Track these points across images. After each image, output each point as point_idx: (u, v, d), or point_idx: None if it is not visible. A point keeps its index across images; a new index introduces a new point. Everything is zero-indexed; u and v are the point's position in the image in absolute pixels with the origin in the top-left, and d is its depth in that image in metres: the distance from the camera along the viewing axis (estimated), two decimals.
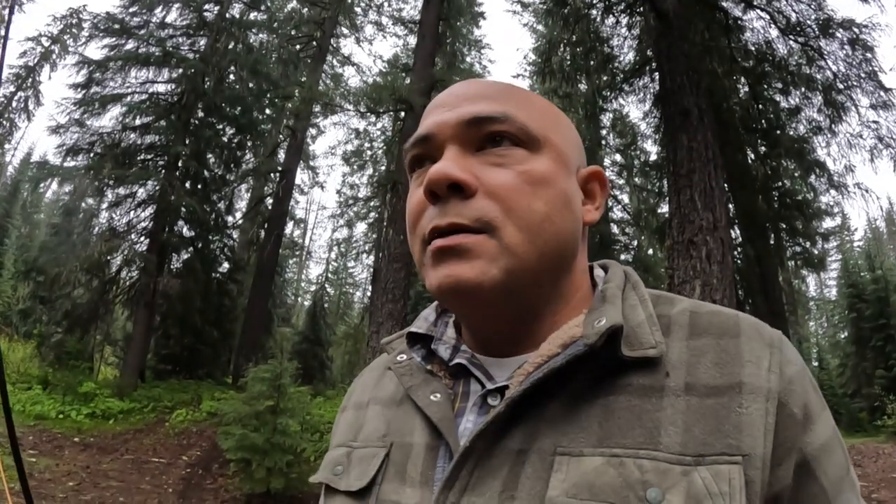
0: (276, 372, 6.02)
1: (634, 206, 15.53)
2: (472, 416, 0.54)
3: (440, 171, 0.51)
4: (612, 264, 0.63)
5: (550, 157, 0.55)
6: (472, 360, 0.57)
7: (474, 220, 0.51)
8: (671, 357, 0.51)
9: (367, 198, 19.71)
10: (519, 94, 0.58)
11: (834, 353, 24.94)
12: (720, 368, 0.49)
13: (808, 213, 10.83)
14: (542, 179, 0.53)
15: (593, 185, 0.61)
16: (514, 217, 0.51)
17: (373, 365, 0.72)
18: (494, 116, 0.53)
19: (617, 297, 0.54)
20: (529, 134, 0.54)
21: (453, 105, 0.55)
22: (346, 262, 30.98)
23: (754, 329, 0.52)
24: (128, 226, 12.53)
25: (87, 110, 12.20)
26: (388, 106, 11.35)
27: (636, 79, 10.37)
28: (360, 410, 0.66)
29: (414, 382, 0.58)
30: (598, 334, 0.48)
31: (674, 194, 7.16)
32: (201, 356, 14.18)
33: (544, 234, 0.52)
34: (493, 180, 0.52)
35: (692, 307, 0.56)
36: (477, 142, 0.54)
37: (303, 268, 36.94)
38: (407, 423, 0.58)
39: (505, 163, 0.53)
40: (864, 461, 8.96)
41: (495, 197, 0.51)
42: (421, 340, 0.62)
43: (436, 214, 0.52)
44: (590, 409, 0.49)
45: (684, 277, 6.64)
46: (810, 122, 10.10)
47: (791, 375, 0.50)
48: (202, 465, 7.45)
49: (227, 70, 13.65)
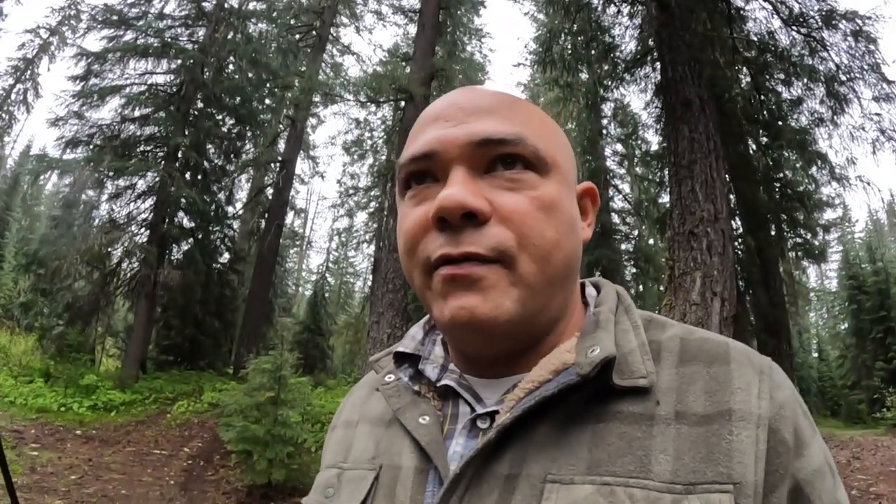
0: (277, 363, 6.03)
1: (635, 195, 15.50)
2: (462, 440, 0.53)
3: (454, 199, 0.48)
4: (604, 284, 0.62)
5: (558, 181, 0.54)
6: (460, 381, 0.56)
7: (490, 248, 0.49)
8: (661, 384, 0.50)
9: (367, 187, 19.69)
10: (525, 109, 0.56)
11: (834, 344, 24.99)
12: (710, 396, 0.49)
13: (810, 204, 10.82)
14: (552, 205, 0.52)
15: (586, 201, 0.60)
16: (528, 246, 0.50)
17: (361, 382, 0.71)
18: (508, 139, 0.51)
19: (610, 323, 0.54)
20: (540, 157, 0.52)
21: (457, 120, 0.53)
22: (347, 252, 30.99)
23: (744, 356, 0.52)
24: (128, 217, 12.53)
25: (85, 102, 12.18)
26: (388, 95, 11.32)
27: (637, 68, 10.32)
28: (350, 430, 0.65)
29: (402, 404, 0.57)
30: (592, 365, 0.48)
31: (675, 185, 7.14)
32: (202, 347, 14.24)
33: (555, 261, 0.51)
34: (507, 206, 0.50)
35: (682, 333, 0.55)
36: (485, 163, 0.52)
37: (303, 257, 36.99)
38: (396, 445, 0.57)
39: (517, 187, 0.51)
40: (863, 454, 8.98)
41: (509, 224, 0.50)
42: (409, 359, 0.61)
43: (445, 242, 0.50)
44: (580, 435, 0.49)
45: (685, 269, 6.63)
46: (812, 113, 10.07)
47: (782, 401, 0.49)
48: (204, 457, 7.48)
49: (227, 60, 13.60)
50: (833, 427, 14.56)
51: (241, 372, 7.10)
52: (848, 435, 11.71)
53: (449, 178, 0.51)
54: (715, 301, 6.44)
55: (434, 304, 0.52)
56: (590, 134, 14.06)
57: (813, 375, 20.35)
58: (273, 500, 5.72)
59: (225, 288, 15.36)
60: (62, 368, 10.75)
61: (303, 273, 36.25)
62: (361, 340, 18.09)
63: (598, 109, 12.72)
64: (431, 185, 0.53)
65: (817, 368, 21.83)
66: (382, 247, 11.60)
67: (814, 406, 17.77)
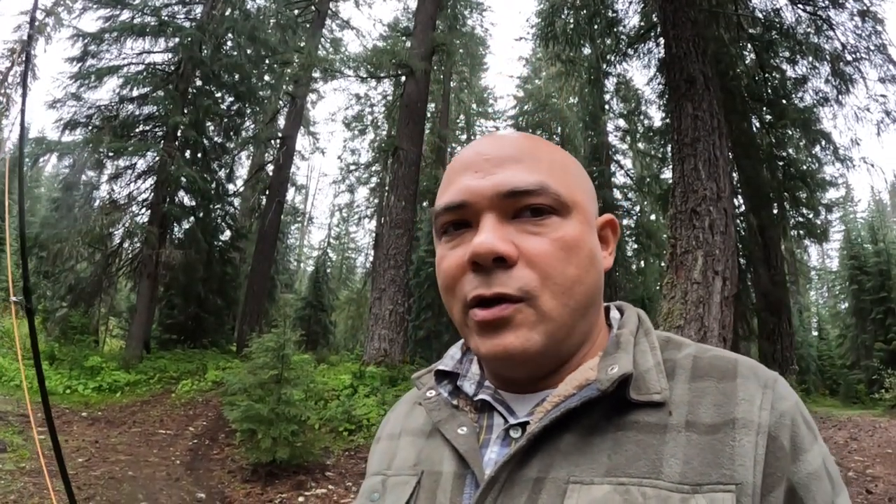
0: (280, 341, 6.05)
1: (637, 171, 15.44)
2: (496, 448, 0.59)
3: (486, 246, 0.54)
4: (626, 307, 0.68)
5: (579, 220, 0.59)
6: (494, 395, 0.63)
7: (517, 289, 0.55)
8: (674, 398, 0.55)
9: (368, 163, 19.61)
10: (548, 155, 0.61)
11: (834, 323, 25.02)
12: (718, 408, 0.54)
13: (812, 183, 10.77)
14: (573, 244, 0.57)
15: (606, 231, 0.66)
16: (550, 284, 0.55)
17: (404, 398, 0.79)
18: (532, 190, 0.57)
19: (630, 344, 0.59)
20: (562, 201, 0.58)
21: (485, 171, 0.58)
22: (348, 228, 31.04)
23: (751, 371, 0.57)
24: (128, 198, 12.52)
25: (83, 83, 12.08)
26: (388, 70, 11.24)
27: (641, 44, 10.21)
28: (393, 441, 0.71)
29: (442, 416, 0.64)
30: (611, 381, 0.54)
31: (677, 163, 7.10)
32: (205, 325, 14.34)
33: (576, 295, 0.57)
34: (532, 249, 0.56)
35: (696, 352, 0.60)
36: (513, 210, 0.57)
37: (305, 234, 37.01)
38: (436, 453, 0.63)
39: (541, 231, 0.57)
40: (861, 434, 9.04)
41: (534, 266, 0.55)
42: (448, 377, 0.68)
43: (479, 283, 0.56)
44: (601, 443, 0.54)
45: (686, 247, 6.62)
46: (817, 92, 9.99)
47: (782, 411, 0.54)
48: (209, 436, 7.55)
49: (225, 37, 13.44)
50: (831, 406, 14.65)
51: (245, 350, 7.13)
52: (846, 415, 11.78)
53: (480, 225, 0.57)
54: (716, 280, 6.44)
55: (471, 338, 0.59)
56: (592, 109, 13.98)
57: (812, 354, 20.40)
58: (278, 478, 5.77)
59: (227, 266, 15.42)
60: (66, 351, 10.80)
61: (304, 249, 36.30)
62: (363, 315, 18.18)
63: (600, 85, 12.62)
64: (465, 231, 0.59)
65: (817, 347, 21.88)
66: (384, 222, 11.59)
67: (812, 385, 17.85)
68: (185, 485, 5.63)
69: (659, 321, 6.53)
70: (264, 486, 5.63)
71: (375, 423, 7.41)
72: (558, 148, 0.64)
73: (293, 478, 5.83)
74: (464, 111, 24.24)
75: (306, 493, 5.52)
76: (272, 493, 5.48)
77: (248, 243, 16.78)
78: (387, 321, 10.05)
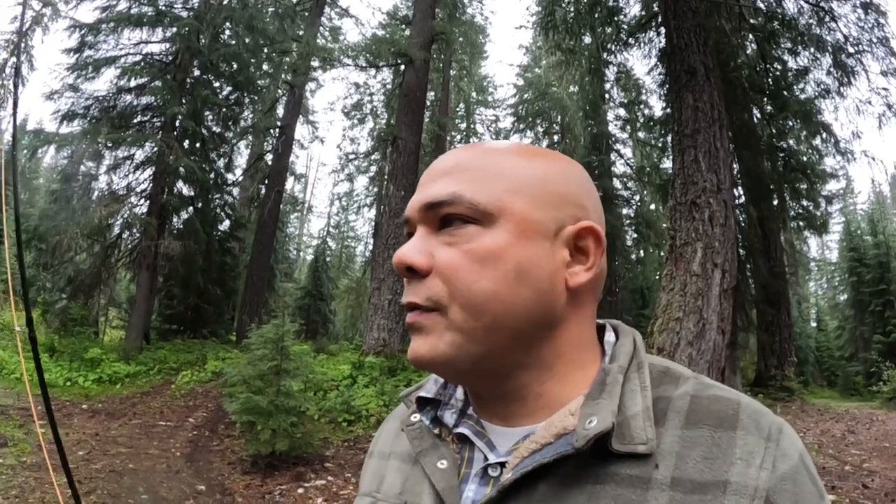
0: (279, 333, 6.05)
1: (637, 160, 15.42)
2: (474, 486, 0.56)
3: (399, 257, 0.55)
4: (622, 331, 0.62)
5: (506, 229, 0.54)
6: (475, 428, 0.60)
7: (425, 299, 0.54)
8: (663, 447, 0.50)
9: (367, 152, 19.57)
10: (482, 161, 0.57)
11: (833, 315, 25.08)
12: (709, 463, 0.48)
13: (812, 175, 10.75)
14: (490, 256, 0.53)
15: (586, 241, 0.57)
16: (457, 296, 0.53)
17: (395, 413, 0.76)
18: (442, 201, 0.55)
19: (617, 386, 0.54)
20: (480, 210, 0.54)
21: (424, 185, 0.58)
22: (348, 216, 31.00)
23: (753, 420, 0.51)
24: (127, 189, 12.50)
25: (80, 74, 12.06)
26: (387, 59, 11.18)
27: (642, 34, 10.15)
28: (383, 461, 0.70)
29: (423, 447, 0.61)
30: (586, 439, 0.49)
31: (678, 154, 7.08)
32: (205, 315, 14.38)
33: (490, 310, 0.53)
34: (441, 261, 0.54)
35: (694, 390, 0.55)
36: (437, 222, 0.56)
37: (304, 222, 36.99)
38: (418, 485, 0.61)
39: (455, 242, 0.55)
40: (858, 427, 9.07)
41: (443, 277, 0.54)
42: (432, 402, 0.65)
43: (404, 293, 0.57)
44: (577, 496, 0.50)
45: (686, 239, 6.61)
46: (818, 84, 9.97)
47: (784, 472, 0.48)
48: (208, 427, 7.57)
49: (222, 27, 13.38)
50: (829, 398, 14.71)
51: (244, 340, 7.13)
52: (843, 407, 11.82)
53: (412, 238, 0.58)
54: (716, 272, 6.44)
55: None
56: (592, 98, 13.93)
57: (811, 345, 20.45)
58: (277, 470, 5.79)
59: (226, 255, 15.46)
60: (66, 343, 10.80)
61: (304, 238, 36.31)
62: (363, 304, 18.21)
63: (601, 74, 12.56)
64: None
65: (815, 338, 21.93)
66: (383, 211, 11.57)
67: (811, 376, 17.90)
68: (185, 477, 5.64)
69: (658, 313, 6.53)
70: (264, 478, 5.65)
71: (374, 413, 7.43)
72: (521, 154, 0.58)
73: (292, 469, 5.85)
74: (464, 100, 24.13)
75: (306, 484, 5.55)
76: (272, 485, 5.50)
77: (248, 233, 16.80)
78: (386, 311, 10.04)
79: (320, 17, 17.24)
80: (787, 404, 10.76)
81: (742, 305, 10.63)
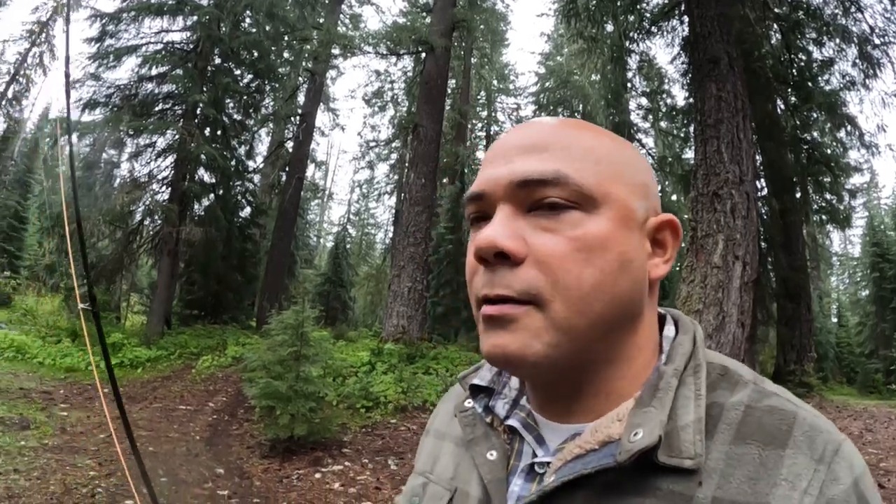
0: (299, 319, 6.09)
1: (659, 150, 15.25)
2: (520, 481, 0.55)
3: (487, 240, 0.49)
4: (682, 326, 0.58)
5: (609, 217, 0.51)
6: (526, 421, 0.58)
7: (521, 292, 0.49)
8: (709, 463, 0.47)
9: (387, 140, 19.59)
10: (581, 141, 0.53)
11: (854, 310, 24.71)
12: (753, 484, 0.45)
13: (836, 168, 10.57)
14: (596, 244, 0.49)
15: (664, 234, 0.56)
16: (562, 289, 0.48)
17: (452, 393, 0.74)
18: (544, 179, 0.50)
19: (670, 392, 0.51)
20: (585, 194, 0.50)
21: (507, 159, 0.52)
22: (368, 204, 31.18)
23: (806, 439, 0.47)
24: (149, 176, 12.64)
25: (102, 63, 12.17)
26: (408, 47, 11.15)
27: (664, 22, 10.01)
28: (439, 441, 0.69)
29: (475, 435, 0.60)
30: (630, 453, 0.46)
31: (700, 145, 6.99)
32: (225, 301, 14.52)
33: (596, 304, 0.49)
34: (542, 248, 0.49)
35: (750, 399, 0.51)
36: (528, 202, 0.51)
37: (325, 209, 37.21)
38: (469, 472, 0.60)
39: (556, 227, 0.50)
40: (876, 426, 8.93)
41: (543, 267, 0.49)
42: (486, 390, 0.63)
43: (486, 282, 0.51)
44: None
45: (707, 231, 6.54)
46: (843, 75, 9.79)
47: (832, 496, 0.44)
48: (228, 411, 7.67)
49: (243, 15, 13.42)
50: (848, 395, 14.51)
51: (264, 326, 7.20)
52: (862, 405, 11.64)
53: (493, 218, 0.52)
54: (737, 265, 6.38)
55: (480, 336, 0.53)
56: (614, 87, 13.77)
57: (831, 341, 20.16)
58: (295, 454, 5.85)
59: (247, 242, 15.59)
60: (89, 327, 10.96)
61: (324, 225, 36.55)
62: (383, 291, 18.30)
63: (623, 63, 12.39)
64: (484, 224, 0.54)
65: (836, 334, 21.61)
66: (404, 199, 11.58)
67: (830, 372, 17.66)
68: (204, 460, 5.71)
69: (677, 305, 6.49)
70: (282, 462, 5.72)
71: (393, 400, 7.48)
72: (608, 136, 0.56)
73: (310, 454, 5.91)
74: (484, 87, 23.97)
75: (323, 469, 5.60)
76: (290, 469, 5.56)
77: (268, 219, 16.93)
78: (405, 298, 10.07)
79: (340, 4, 17.24)
80: (806, 400, 10.54)
81: (762, 299, 10.51)
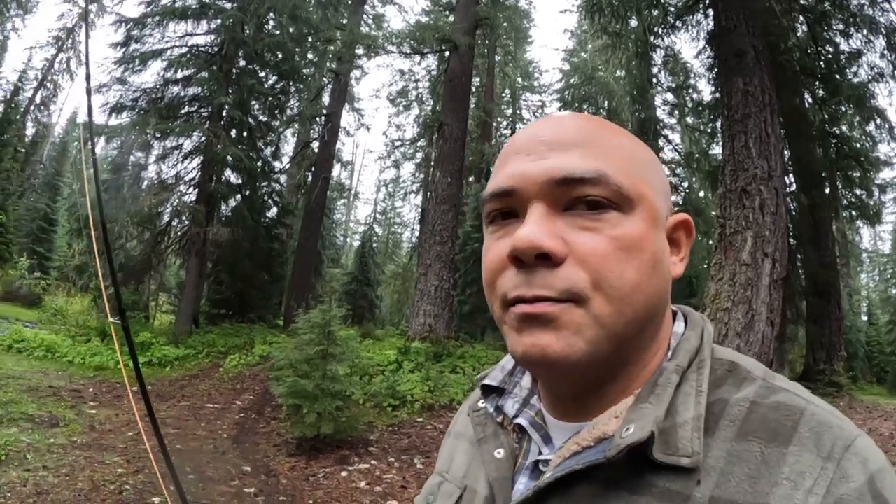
0: (326, 318, 6.13)
1: (686, 146, 15.06)
2: (525, 479, 0.55)
3: (529, 239, 0.47)
4: (692, 322, 0.58)
5: (643, 217, 0.51)
6: (534, 420, 0.59)
7: (562, 291, 0.47)
8: (709, 461, 0.46)
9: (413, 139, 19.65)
10: (613, 140, 0.53)
11: (885, 308, 24.14)
12: (753, 483, 0.43)
13: (866, 162, 10.34)
14: (634, 244, 0.49)
15: (679, 234, 0.57)
16: (604, 288, 0.48)
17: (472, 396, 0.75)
18: (589, 178, 0.49)
19: (669, 388, 0.50)
20: (623, 194, 0.49)
21: (539, 154, 0.51)
22: (394, 203, 31.31)
23: (813, 435, 0.45)
24: (176, 177, 12.86)
25: (128, 68, 12.38)
26: (432, 46, 11.17)
27: (689, 16, 9.88)
28: (457, 441, 0.70)
29: (486, 433, 0.61)
30: (619, 449, 0.46)
31: (727, 140, 6.90)
32: (253, 300, 14.66)
33: (634, 303, 0.49)
34: (584, 247, 0.48)
35: (756, 395, 0.49)
36: (564, 200, 0.50)
37: (351, 209, 37.44)
38: (478, 469, 0.61)
39: (597, 227, 0.49)
40: None
41: (585, 265, 0.48)
42: (497, 390, 0.64)
43: (521, 282, 0.49)
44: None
45: (736, 227, 6.45)
46: (872, 67, 9.58)
47: (842, 495, 0.42)
48: (255, 410, 7.75)
49: (266, 17, 13.57)
50: (878, 395, 14.17)
51: (291, 325, 7.26)
52: (892, 405, 11.36)
53: (527, 216, 0.50)
54: (766, 262, 6.28)
55: (509, 336, 0.51)
56: (639, 83, 13.63)
57: (861, 340, 19.66)
58: (321, 453, 5.89)
59: (273, 242, 15.73)
60: (117, 327, 11.16)
61: (351, 224, 36.79)
62: (409, 290, 18.37)
63: (647, 58, 12.24)
64: (512, 221, 0.52)
65: (866, 333, 21.11)
66: (430, 198, 11.59)
67: (860, 372, 17.26)
68: (231, 458, 5.78)
69: (706, 303, 6.40)
70: (308, 460, 5.76)
71: (419, 399, 7.49)
72: (629, 135, 0.56)
73: (337, 452, 5.95)
74: (509, 85, 23.86)
75: (349, 467, 5.64)
76: (316, 467, 5.61)
77: (295, 219, 17.09)
78: (432, 297, 10.07)
79: (363, 4, 17.32)
80: (835, 400, 10.40)
81: (791, 297, 10.32)
